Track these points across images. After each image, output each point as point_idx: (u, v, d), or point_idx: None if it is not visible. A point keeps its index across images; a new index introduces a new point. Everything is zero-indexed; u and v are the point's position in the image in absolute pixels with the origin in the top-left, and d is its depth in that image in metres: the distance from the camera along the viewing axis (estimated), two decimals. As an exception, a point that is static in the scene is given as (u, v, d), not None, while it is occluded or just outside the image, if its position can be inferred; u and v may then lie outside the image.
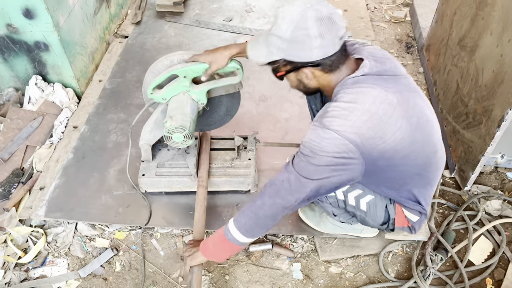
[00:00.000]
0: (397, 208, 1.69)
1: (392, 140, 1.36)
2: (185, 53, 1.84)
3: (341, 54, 1.39)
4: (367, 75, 1.39)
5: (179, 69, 1.79)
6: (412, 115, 1.39)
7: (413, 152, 1.43)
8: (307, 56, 1.36)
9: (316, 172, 1.36)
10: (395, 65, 1.48)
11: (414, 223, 1.71)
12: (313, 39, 1.32)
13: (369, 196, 1.65)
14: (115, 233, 2.08)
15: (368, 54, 1.46)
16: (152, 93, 1.86)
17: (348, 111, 1.32)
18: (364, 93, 1.35)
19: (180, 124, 1.79)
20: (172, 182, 2.05)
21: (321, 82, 1.45)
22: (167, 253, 2.02)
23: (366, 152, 1.34)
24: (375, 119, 1.33)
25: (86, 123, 2.52)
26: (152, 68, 1.87)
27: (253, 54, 1.49)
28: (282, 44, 1.36)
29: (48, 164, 2.30)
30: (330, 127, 1.32)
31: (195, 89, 1.87)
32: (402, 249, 2.05)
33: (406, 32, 3.60)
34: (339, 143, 1.31)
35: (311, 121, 2.03)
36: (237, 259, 2.00)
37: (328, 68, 1.40)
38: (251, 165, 2.11)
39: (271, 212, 1.47)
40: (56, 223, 2.10)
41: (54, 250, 2.02)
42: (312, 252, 2.04)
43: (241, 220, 1.53)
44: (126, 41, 3.22)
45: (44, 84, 2.66)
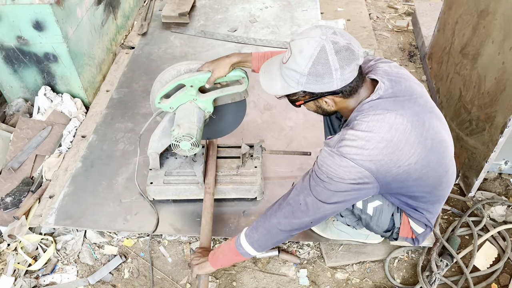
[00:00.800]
0: (403, 218, 1.70)
1: (406, 165, 1.38)
2: (192, 63, 1.89)
3: (359, 78, 1.39)
4: (382, 99, 1.39)
5: (185, 79, 1.84)
6: (426, 137, 1.40)
7: (425, 174, 1.45)
8: (328, 87, 1.35)
9: (333, 196, 1.41)
10: (409, 84, 1.46)
11: (419, 235, 1.73)
12: (334, 71, 1.31)
13: (377, 201, 1.67)
14: (124, 240, 2.11)
15: (383, 73, 1.46)
16: (160, 102, 1.91)
17: (364, 140, 1.33)
18: (379, 121, 1.35)
19: (187, 132, 1.83)
20: (180, 190, 2.09)
21: (340, 106, 1.45)
22: (175, 260, 2.05)
23: (380, 177, 1.38)
24: (391, 147, 1.35)
25: (94, 133, 2.57)
26: (159, 77, 1.92)
27: (268, 87, 1.47)
28: (301, 78, 1.34)
29: (57, 173, 2.34)
30: (347, 156, 1.33)
31: (202, 98, 1.92)
32: (408, 255, 2.07)
33: (408, 41, 3.65)
34: (356, 171, 1.34)
35: (325, 136, 2.07)
36: (244, 266, 2.02)
37: (348, 94, 1.40)
38: (257, 172, 2.15)
39: (286, 230, 1.53)
40: (65, 231, 2.14)
41: (63, 257, 2.06)
42: (318, 259, 2.06)
43: (254, 236, 1.58)
44: (132, 52, 3.28)
45: (53, 94, 2.72)
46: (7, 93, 2.75)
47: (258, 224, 1.57)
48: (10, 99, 2.78)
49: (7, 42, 2.46)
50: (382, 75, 1.45)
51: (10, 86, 2.71)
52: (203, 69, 1.83)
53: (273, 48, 3.34)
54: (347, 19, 3.72)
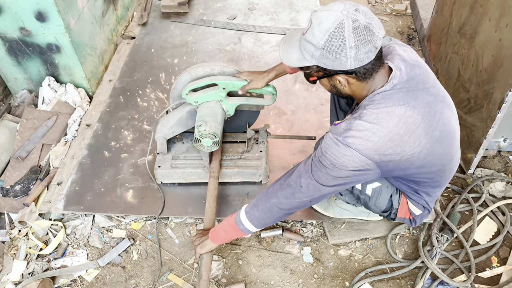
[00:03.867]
0: (402, 199, 1.74)
1: (409, 154, 1.40)
2: (227, 66, 1.97)
3: (375, 61, 1.35)
4: (395, 89, 1.37)
5: (222, 81, 1.93)
6: (435, 128, 1.40)
7: (428, 162, 1.47)
8: (341, 65, 1.32)
9: (334, 180, 1.44)
10: (423, 72, 1.44)
11: (416, 216, 1.77)
12: (348, 49, 1.28)
13: (377, 183, 1.71)
14: (131, 223, 2.17)
15: (399, 59, 1.43)
16: (188, 94, 1.96)
17: (371, 132, 1.34)
18: (389, 113, 1.35)
19: (214, 131, 1.92)
20: (187, 173, 2.15)
21: (354, 89, 1.43)
22: (182, 241, 2.11)
23: (383, 165, 1.40)
24: (396, 139, 1.36)
25: (98, 121, 2.62)
26: (191, 70, 1.98)
27: (285, 58, 1.45)
28: (315, 51, 1.32)
29: (64, 161, 2.39)
30: (351, 145, 1.35)
31: (228, 101, 2.02)
32: (409, 231, 2.13)
33: (407, 24, 3.67)
34: (359, 159, 1.37)
35: (330, 116, 2.10)
36: (249, 245, 2.08)
37: (362, 76, 1.37)
38: (263, 157, 2.19)
39: (286, 209, 1.58)
40: (74, 216, 2.20)
41: (73, 241, 2.11)
42: (321, 236, 2.11)
43: (254, 213, 1.63)
44: (133, 42, 3.32)
45: (57, 85, 2.76)
46: (12, 85, 2.79)
47: (258, 202, 1.61)
48: (15, 90, 2.82)
49: (10, 34, 2.49)
50: (398, 62, 1.42)
51: (15, 78, 2.75)
52: (241, 77, 1.92)
53: (272, 35, 3.37)
54: (345, 4, 3.73)
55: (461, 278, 1.94)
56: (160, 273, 1.98)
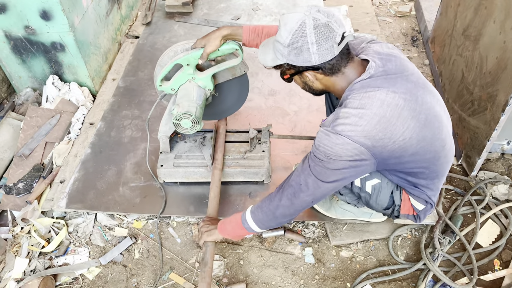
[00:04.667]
0: (403, 195, 1.75)
1: (401, 140, 1.42)
2: (188, 42, 1.93)
3: (341, 57, 1.44)
4: (373, 77, 1.43)
5: (181, 58, 1.90)
6: (420, 112, 1.44)
7: (421, 149, 1.48)
8: (306, 61, 1.43)
9: (332, 175, 1.47)
10: (400, 62, 1.50)
11: (420, 211, 1.77)
12: (311, 45, 1.40)
13: (376, 179, 1.71)
14: (133, 222, 2.18)
15: (374, 53, 1.50)
16: (161, 85, 1.97)
17: (357, 117, 1.39)
18: (371, 98, 1.40)
19: (186, 110, 1.88)
20: (189, 172, 2.15)
21: (325, 84, 1.52)
22: (184, 240, 2.11)
23: (377, 153, 1.42)
24: (384, 122, 1.39)
25: (101, 120, 2.63)
26: (159, 61, 1.98)
27: (262, 59, 1.57)
28: (284, 50, 1.44)
29: (67, 159, 2.41)
30: (341, 133, 1.39)
31: (200, 76, 1.96)
32: (411, 233, 2.12)
33: (411, 26, 3.67)
34: (351, 147, 1.39)
35: (326, 114, 2.12)
36: (251, 245, 2.08)
37: (328, 71, 1.47)
38: (265, 156, 2.20)
39: (289, 211, 1.60)
40: (76, 214, 2.20)
41: (75, 239, 2.12)
42: (323, 237, 2.11)
43: (258, 215, 1.66)
44: (137, 41, 3.33)
45: (61, 83, 2.77)
46: (16, 83, 2.81)
47: (263, 205, 1.65)
48: (19, 89, 2.84)
49: (15, 32, 2.51)
50: (373, 55, 1.49)
51: (19, 76, 2.76)
52: (196, 46, 1.88)
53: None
54: (349, 5, 3.73)
55: (463, 281, 1.93)
56: (162, 272, 1.99)
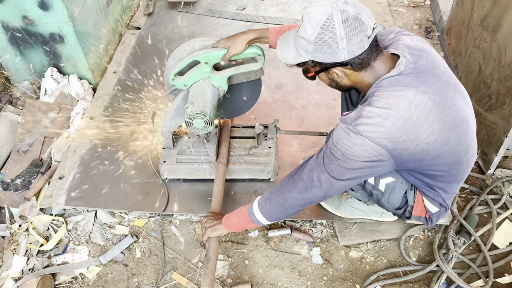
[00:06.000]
0: (417, 196, 1.74)
1: (424, 143, 1.40)
2: (207, 39, 1.94)
3: (371, 51, 1.39)
4: (403, 75, 1.39)
5: (200, 55, 1.90)
6: (448, 114, 1.42)
7: (444, 153, 1.47)
8: (335, 57, 1.38)
9: (347, 173, 1.46)
10: (432, 58, 1.47)
11: (433, 214, 1.76)
12: (340, 41, 1.34)
13: (390, 178, 1.70)
14: (135, 220, 2.19)
15: (404, 47, 1.45)
16: (174, 79, 1.97)
17: (382, 118, 1.36)
18: (399, 97, 1.36)
19: (201, 110, 1.89)
20: (193, 169, 2.16)
21: (354, 80, 1.47)
22: (187, 239, 2.12)
23: (397, 155, 1.41)
24: (409, 124, 1.37)
25: (101, 114, 2.64)
26: (174, 54, 1.97)
27: (282, 56, 1.52)
28: (309, 46, 1.39)
29: (66, 154, 2.42)
30: (363, 133, 1.37)
31: (216, 76, 1.98)
32: (424, 233, 2.12)
33: (425, 16, 3.64)
34: (371, 149, 1.38)
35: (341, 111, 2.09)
36: (256, 244, 2.09)
37: (358, 67, 1.42)
38: (272, 153, 2.20)
39: (299, 204, 1.61)
40: (75, 211, 2.22)
41: (74, 237, 2.14)
42: (331, 237, 2.12)
43: (266, 207, 1.67)
44: (138, 32, 3.33)
45: (60, 76, 2.79)
46: (14, 76, 2.82)
47: (271, 196, 1.65)
48: (16, 82, 2.85)
49: (13, 23, 2.52)
50: (403, 49, 1.45)
51: (17, 68, 2.78)
52: (219, 46, 1.88)
53: (284, 26, 3.36)
54: (360, -6, 3.71)
55: (478, 284, 1.93)
56: (164, 272, 2.00)
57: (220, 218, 1.82)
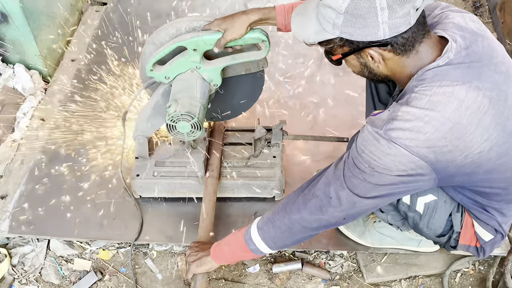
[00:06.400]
0: (466, 219, 1.73)
1: (476, 153, 1.39)
2: (196, 20, 1.93)
3: (417, 29, 1.35)
4: (452, 65, 1.37)
5: (187, 40, 1.88)
6: (508, 117, 1.41)
7: (502, 165, 1.46)
8: (371, 33, 1.33)
9: (374, 190, 1.44)
10: (488, 43, 1.44)
11: (486, 243, 1.74)
12: (380, 11, 1.29)
13: (431, 196, 1.69)
14: (99, 252, 2.18)
15: (454, 28, 1.43)
16: (153, 69, 1.96)
17: (423, 122, 1.34)
18: (446, 95, 1.34)
19: (188, 110, 1.87)
20: (174, 185, 2.15)
21: (392, 67, 1.44)
22: (166, 276, 2.11)
23: (440, 168, 1.39)
24: (458, 130, 1.35)
25: (56, 114, 2.63)
26: (153, 38, 1.97)
27: (299, 31, 1.48)
28: (337, 18, 1.34)
29: (11, 167, 2.41)
30: (397, 141, 1.34)
31: (207, 66, 1.96)
32: (474, 267, 2.12)
33: (472, -13, 3.65)
34: (407, 160, 1.36)
35: (366, 110, 2.10)
36: (257, 283, 2.08)
37: (401, 49, 1.37)
38: (277, 164, 2.19)
39: (311, 228, 1.59)
40: (22, 241, 2.21)
41: (21, 275, 2.12)
42: (354, 273, 2.11)
43: (269, 231, 1.64)
44: (104, 9, 3.34)
45: (2, 65, 2.79)
46: None
47: (275, 218, 1.62)
48: None
49: None
50: (453, 31, 1.42)
51: None
52: (212, 28, 1.86)
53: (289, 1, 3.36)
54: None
55: (545, 332, 1.91)
56: (137, 320, 1.99)
57: (207, 248, 1.80)
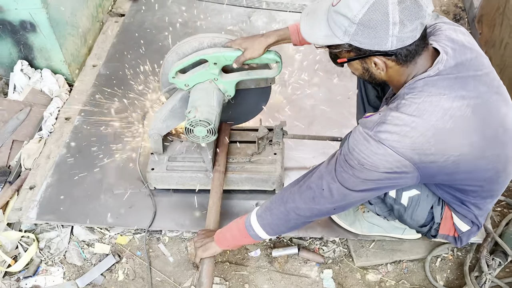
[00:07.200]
0: (446, 211, 1.74)
1: (456, 156, 1.39)
2: (218, 36, 1.96)
3: (420, 42, 1.35)
4: (441, 75, 1.37)
5: (210, 54, 1.91)
6: (489, 125, 1.41)
7: (479, 167, 1.46)
8: (380, 44, 1.32)
9: (362, 184, 1.45)
10: (476, 56, 1.44)
11: (463, 233, 1.75)
12: (392, 26, 1.27)
13: (415, 190, 1.70)
14: (117, 237, 2.19)
15: (447, 40, 1.43)
16: (175, 77, 1.98)
17: (409, 127, 1.34)
18: (433, 105, 1.34)
19: (206, 117, 1.90)
20: (185, 178, 2.17)
21: (391, 74, 1.43)
22: (177, 259, 2.12)
23: (423, 168, 1.40)
24: (441, 136, 1.36)
25: (79, 114, 2.65)
26: (177, 48, 1.99)
27: (309, 33, 1.45)
28: (350, 27, 1.32)
29: (38, 161, 2.43)
30: (385, 143, 1.35)
31: (224, 79, 1.99)
32: (453, 252, 2.12)
33: (453, 1, 3.66)
34: (393, 159, 1.36)
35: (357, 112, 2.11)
36: (257, 266, 2.09)
37: (403, 59, 1.37)
38: (277, 160, 2.20)
39: (305, 216, 1.60)
40: (49, 227, 2.22)
41: (47, 257, 2.14)
42: (345, 257, 2.12)
43: (266, 218, 1.66)
44: (122, 20, 3.35)
45: (31, 70, 2.80)
46: (-22, 69, 2.84)
47: (272, 206, 1.64)
48: (-19, 76, 2.87)
49: (-23, 9, 2.54)
50: (445, 43, 1.42)
51: (-19, 61, 2.80)
52: (233, 46, 1.89)
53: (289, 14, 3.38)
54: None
55: (516, 312, 1.92)
56: (151, 298, 2.00)
57: (212, 234, 1.81)
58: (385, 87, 1.78)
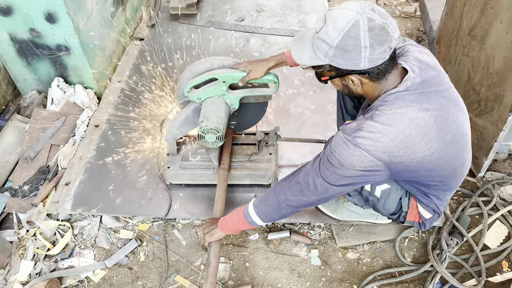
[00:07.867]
0: (412, 202, 1.73)
1: (420, 157, 1.39)
2: (226, 59, 1.97)
3: (389, 62, 1.35)
4: (408, 91, 1.37)
5: (220, 74, 1.92)
6: (448, 131, 1.41)
7: (440, 166, 1.46)
8: (355, 64, 1.32)
9: (341, 180, 1.44)
10: (438, 74, 1.45)
11: (426, 220, 1.75)
12: (363, 49, 1.28)
13: (386, 185, 1.70)
14: (139, 224, 2.17)
15: (414, 60, 1.43)
16: (189, 91, 1.97)
17: (382, 134, 1.34)
18: (401, 115, 1.34)
19: (216, 126, 1.91)
20: (196, 174, 2.15)
21: (366, 89, 1.43)
22: (189, 242, 2.10)
23: (392, 167, 1.40)
24: (408, 141, 1.35)
25: (106, 122, 2.63)
26: (192, 67, 1.98)
27: (297, 56, 1.46)
28: (329, 50, 1.33)
29: (72, 161, 2.40)
30: (361, 146, 1.35)
31: (231, 94, 2.00)
32: (418, 234, 2.11)
33: (416, 26, 3.65)
34: (368, 160, 1.36)
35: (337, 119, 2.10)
36: (256, 247, 2.07)
37: (375, 77, 1.37)
38: (272, 159, 2.19)
39: (293, 206, 1.59)
40: (81, 216, 2.20)
41: (80, 242, 2.12)
42: (329, 239, 2.10)
43: (261, 207, 1.65)
44: (142, 43, 3.32)
45: (66, 85, 2.78)
46: (21, 85, 2.81)
47: (267, 197, 1.63)
48: (24, 91, 2.84)
49: (20, 35, 2.51)
50: (412, 63, 1.42)
51: (24, 78, 2.77)
52: (240, 68, 1.90)
53: (281, 37, 3.37)
54: (354, 6, 3.72)
55: (471, 283, 1.91)
56: (167, 275, 1.98)
57: (216, 222, 1.80)
58: (361, 99, 1.77)
